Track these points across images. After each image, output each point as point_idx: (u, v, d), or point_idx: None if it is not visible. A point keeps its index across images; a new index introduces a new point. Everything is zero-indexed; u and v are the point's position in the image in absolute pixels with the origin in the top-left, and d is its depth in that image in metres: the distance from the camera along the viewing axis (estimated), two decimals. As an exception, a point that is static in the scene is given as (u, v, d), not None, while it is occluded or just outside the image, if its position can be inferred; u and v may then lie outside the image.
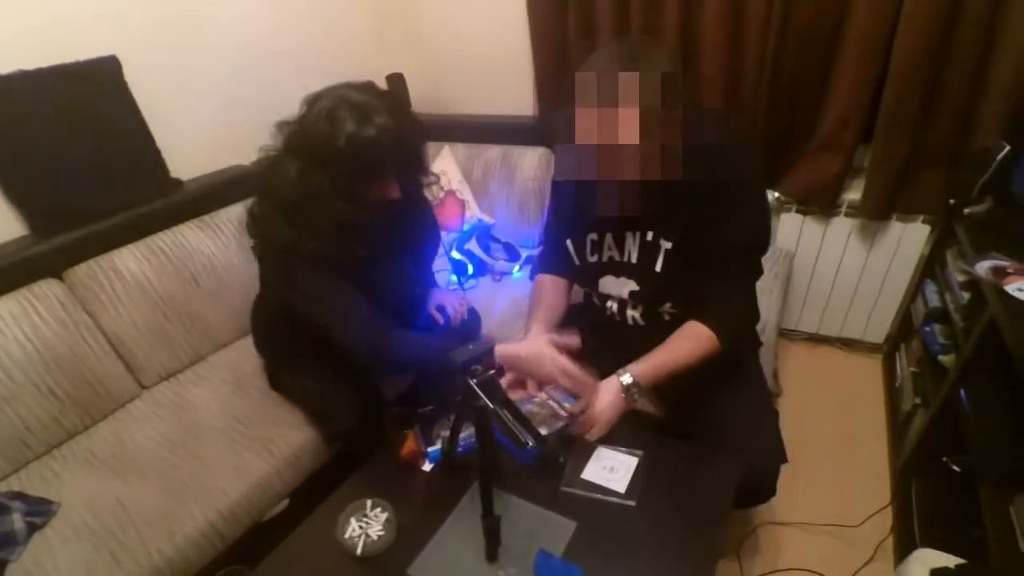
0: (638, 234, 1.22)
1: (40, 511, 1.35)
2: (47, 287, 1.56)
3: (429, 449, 1.21)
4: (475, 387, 0.90)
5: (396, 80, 2.48)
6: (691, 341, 1.19)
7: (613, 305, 1.35)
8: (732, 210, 1.13)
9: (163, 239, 1.78)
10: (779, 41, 1.78)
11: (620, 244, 1.26)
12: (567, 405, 1.17)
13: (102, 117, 1.70)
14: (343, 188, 1.19)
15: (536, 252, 2.21)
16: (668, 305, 1.27)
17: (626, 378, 1.16)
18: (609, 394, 1.16)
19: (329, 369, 1.48)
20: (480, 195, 2.37)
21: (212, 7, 1.93)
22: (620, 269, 1.28)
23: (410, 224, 1.45)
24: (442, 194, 2.33)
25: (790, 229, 2.12)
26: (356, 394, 1.50)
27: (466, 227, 2.30)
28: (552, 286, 1.43)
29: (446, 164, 2.38)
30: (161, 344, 1.75)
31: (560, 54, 2.18)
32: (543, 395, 1.23)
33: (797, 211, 2.08)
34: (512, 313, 1.92)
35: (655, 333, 1.25)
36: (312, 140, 1.16)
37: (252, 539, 1.45)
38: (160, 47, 1.81)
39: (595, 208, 1.14)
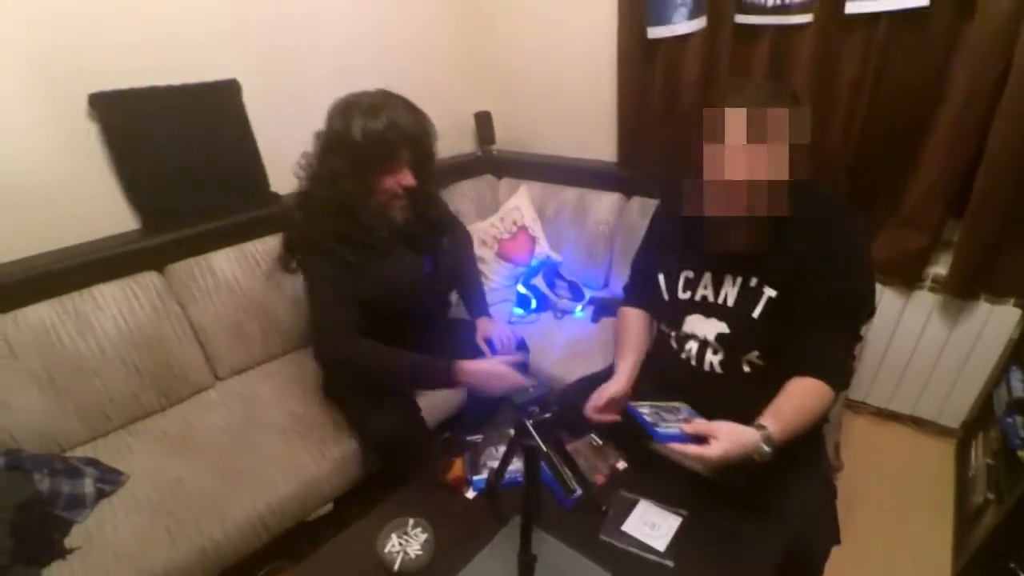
0: (739, 278, 1.19)
1: (110, 480, 1.45)
2: (148, 278, 1.72)
3: (474, 477, 1.23)
4: (530, 428, 0.92)
5: (483, 117, 2.59)
6: (814, 399, 1.09)
7: (692, 348, 1.28)
8: (843, 270, 1.10)
9: (256, 245, 1.92)
10: (869, 114, 1.75)
11: (718, 285, 1.22)
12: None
13: (218, 132, 1.87)
14: (359, 175, 1.35)
15: (600, 294, 2.22)
16: (755, 354, 1.22)
17: (765, 436, 1.01)
18: (740, 439, 1.01)
19: (372, 382, 1.52)
20: (551, 233, 2.41)
21: (320, 41, 2.10)
22: (711, 310, 1.24)
23: (423, 223, 1.52)
24: (515, 229, 2.39)
25: (868, 297, 2.04)
26: (395, 409, 1.52)
27: (534, 263, 2.33)
28: (637, 321, 1.42)
29: (521, 201, 2.44)
30: (239, 340, 1.87)
31: (646, 106, 2.19)
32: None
33: (877, 280, 2.00)
34: (570, 352, 1.93)
35: (730, 383, 1.23)
36: (331, 134, 1.35)
37: (295, 537, 1.51)
38: (273, 72, 1.99)
39: (703, 244, 1.13)
